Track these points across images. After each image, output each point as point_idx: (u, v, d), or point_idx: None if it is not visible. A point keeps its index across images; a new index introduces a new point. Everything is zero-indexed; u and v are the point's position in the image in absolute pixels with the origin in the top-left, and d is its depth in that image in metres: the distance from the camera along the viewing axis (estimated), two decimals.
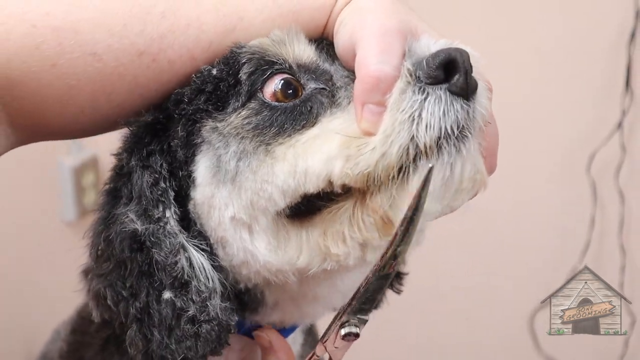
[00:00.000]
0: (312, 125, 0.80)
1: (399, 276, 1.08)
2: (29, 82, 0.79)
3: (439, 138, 0.73)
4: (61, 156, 2.23)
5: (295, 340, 1.04)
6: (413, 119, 0.73)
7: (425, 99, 0.73)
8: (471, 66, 0.74)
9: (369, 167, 0.73)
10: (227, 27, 0.84)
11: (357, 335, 0.75)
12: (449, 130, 0.73)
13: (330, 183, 0.76)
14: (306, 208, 0.79)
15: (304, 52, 0.84)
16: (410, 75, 0.74)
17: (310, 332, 1.15)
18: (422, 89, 0.73)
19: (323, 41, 0.87)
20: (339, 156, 0.75)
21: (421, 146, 0.73)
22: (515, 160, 2.19)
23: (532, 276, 2.22)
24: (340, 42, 0.83)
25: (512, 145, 2.17)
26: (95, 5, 0.81)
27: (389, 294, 1.10)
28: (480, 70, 0.76)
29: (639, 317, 1.94)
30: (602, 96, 2.08)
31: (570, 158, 2.14)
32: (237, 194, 0.81)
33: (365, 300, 0.72)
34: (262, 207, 0.79)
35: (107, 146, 0.91)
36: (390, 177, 0.74)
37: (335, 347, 0.78)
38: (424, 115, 0.73)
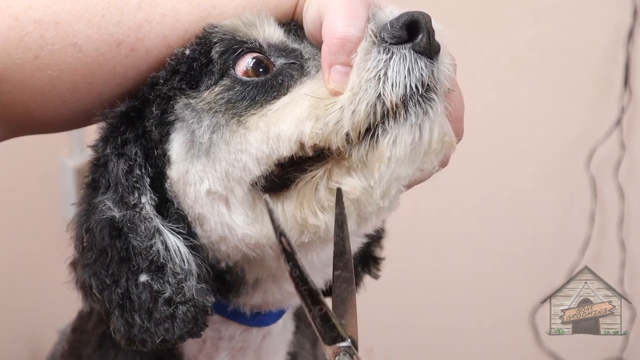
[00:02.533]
0: (283, 96, 0.82)
1: (376, 261, 1.09)
2: (14, 74, 0.82)
3: (405, 96, 0.75)
4: (64, 157, 2.25)
5: (286, 327, 1.05)
6: (379, 78, 0.75)
7: (390, 58, 0.75)
8: (433, 29, 0.76)
9: (338, 125, 0.76)
10: (201, 15, 0.86)
11: None
12: (414, 88, 0.75)
13: (302, 145, 0.77)
14: (281, 181, 0.81)
15: (274, 33, 0.86)
16: (375, 36, 0.76)
17: (309, 324, 1.16)
18: (386, 49, 0.76)
19: (291, 23, 0.89)
20: (308, 117, 0.77)
21: (388, 104, 0.75)
22: (515, 157, 2.20)
23: (533, 272, 2.23)
24: (309, 18, 0.85)
25: (513, 142, 2.19)
26: None
27: (385, 282, 1.11)
28: (443, 42, 0.79)
29: (639, 312, 1.95)
30: (601, 94, 2.09)
31: (570, 155, 2.15)
32: (211, 166, 0.82)
33: (324, 329, 0.70)
34: (237, 177, 0.81)
35: None
36: (359, 137, 0.76)
37: None
38: (389, 73, 0.75)
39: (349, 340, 0.71)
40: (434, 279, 2.35)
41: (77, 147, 2.26)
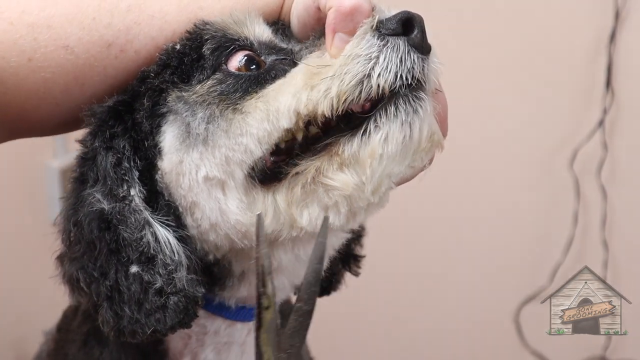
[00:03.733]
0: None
1: (356, 259, 1.10)
2: (9, 77, 0.84)
3: (394, 85, 0.78)
4: (48, 159, 2.24)
5: None
6: (370, 59, 0.78)
7: (385, 45, 0.78)
8: (426, 29, 0.79)
9: (327, 91, 0.78)
10: (188, 17, 0.89)
11: None
12: (404, 79, 0.78)
13: (299, 115, 0.79)
14: (272, 174, 0.82)
15: (264, 32, 0.88)
16: (372, 26, 0.79)
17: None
18: (382, 36, 0.78)
19: (279, 23, 0.91)
20: (304, 87, 0.79)
21: (374, 86, 0.77)
22: (500, 158, 2.21)
23: (516, 271, 2.25)
24: (301, 6, 0.87)
25: (496, 143, 2.20)
26: (67, 1, 0.86)
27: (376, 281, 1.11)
28: (433, 45, 0.81)
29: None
30: (583, 95, 2.11)
31: (553, 156, 2.16)
32: (210, 154, 0.83)
33: (291, 336, 0.73)
34: (239, 160, 0.82)
35: None
36: (343, 106, 0.78)
37: None
38: (380, 58, 0.78)
39: None
40: (416, 279, 2.35)
41: (61, 148, 2.25)
